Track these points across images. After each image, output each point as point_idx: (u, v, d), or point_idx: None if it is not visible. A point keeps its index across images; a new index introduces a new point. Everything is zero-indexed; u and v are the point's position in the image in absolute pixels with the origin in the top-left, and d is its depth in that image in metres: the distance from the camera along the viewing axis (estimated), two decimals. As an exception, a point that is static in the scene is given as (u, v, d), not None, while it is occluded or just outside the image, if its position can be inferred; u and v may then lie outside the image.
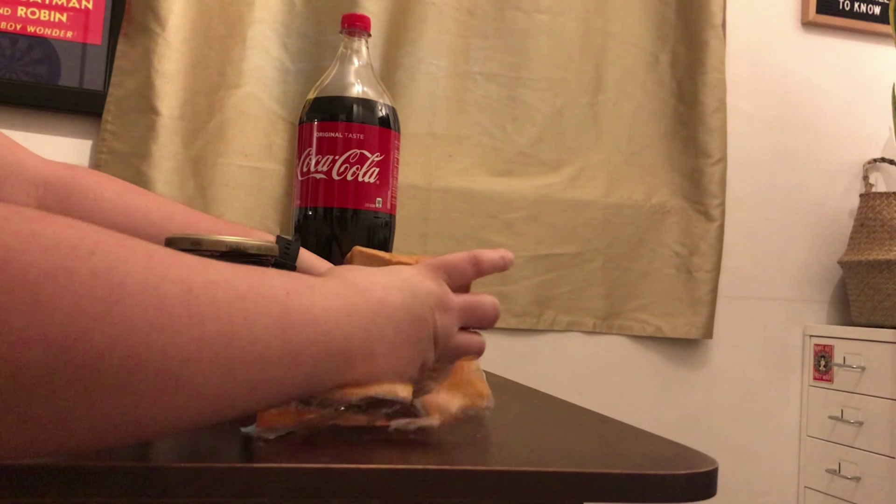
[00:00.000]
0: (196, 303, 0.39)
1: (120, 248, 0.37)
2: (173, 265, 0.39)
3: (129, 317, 0.35)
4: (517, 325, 1.77)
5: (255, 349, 0.41)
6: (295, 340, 0.44)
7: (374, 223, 0.86)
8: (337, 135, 0.84)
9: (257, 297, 0.42)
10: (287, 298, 0.44)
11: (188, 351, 0.38)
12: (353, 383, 0.49)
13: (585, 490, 0.49)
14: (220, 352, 0.39)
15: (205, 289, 0.39)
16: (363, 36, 0.89)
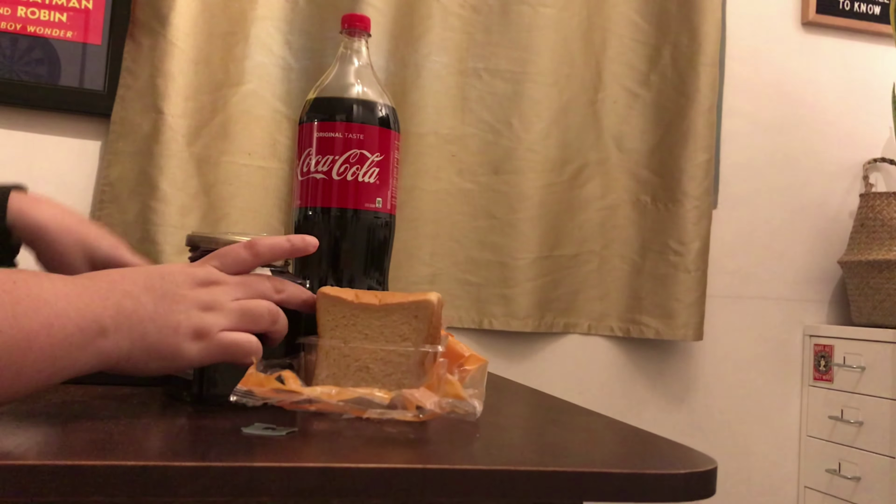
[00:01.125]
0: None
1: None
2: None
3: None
4: (520, 327, 1.77)
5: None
6: (28, 325, 0.48)
7: (374, 223, 0.86)
8: (337, 135, 0.84)
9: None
10: (15, 287, 0.49)
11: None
12: (114, 352, 0.54)
13: (585, 490, 0.49)
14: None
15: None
16: (363, 36, 0.89)
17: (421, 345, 0.65)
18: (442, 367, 0.61)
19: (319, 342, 0.66)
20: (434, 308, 0.65)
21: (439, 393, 0.59)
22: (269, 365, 0.61)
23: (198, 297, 0.58)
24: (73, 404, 0.62)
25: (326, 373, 0.65)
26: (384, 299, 0.66)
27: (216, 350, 0.58)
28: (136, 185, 1.59)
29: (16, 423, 0.54)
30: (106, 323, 0.53)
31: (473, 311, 1.75)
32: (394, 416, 0.57)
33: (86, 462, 0.44)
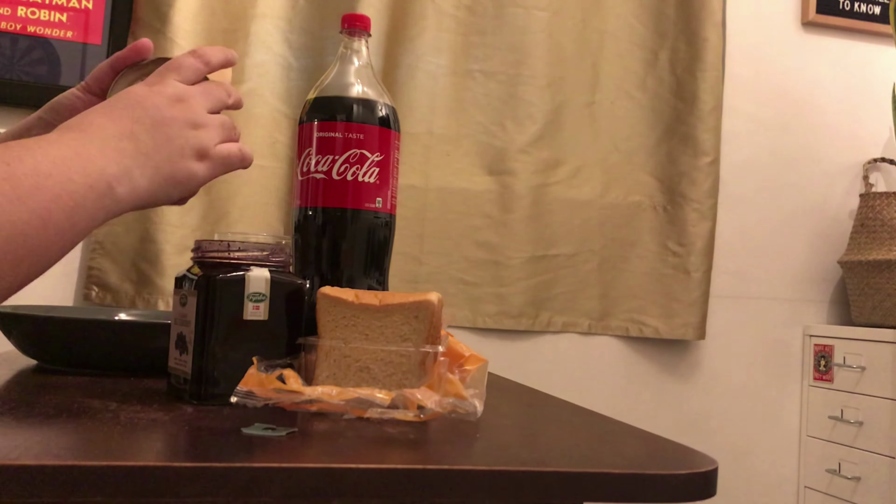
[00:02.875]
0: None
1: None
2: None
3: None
4: (514, 325, 1.77)
5: (2, 232, 0.45)
6: (37, 205, 0.47)
7: (374, 223, 0.86)
8: (337, 135, 0.84)
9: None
10: (10, 169, 0.47)
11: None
12: (132, 194, 0.54)
13: (585, 490, 0.49)
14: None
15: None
16: (363, 36, 0.89)
17: (421, 345, 0.65)
18: (443, 367, 0.61)
19: (320, 342, 0.66)
20: (434, 308, 0.65)
21: (440, 392, 0.59)
22: (270, 365, 0.61)
23: (182, 115, 0.59)
24: (72, 404, 0.62)
25: (327, 373, 0.65)
26: (384, 300, 0.66)
27: (219, 164, 0.60)
28: None
29: (16, 423, 0.54)
30: (114, 171, 0.53)
31: (467, 310, 1.76)
32: (395, 416, 0.57)
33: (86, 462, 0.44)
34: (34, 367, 0.86)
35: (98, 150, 0.53)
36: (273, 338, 0.67)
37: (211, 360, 0.66)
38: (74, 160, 0.51)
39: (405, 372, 0.64)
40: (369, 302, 0.66)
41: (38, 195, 0.48)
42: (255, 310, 0.67)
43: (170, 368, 0.70)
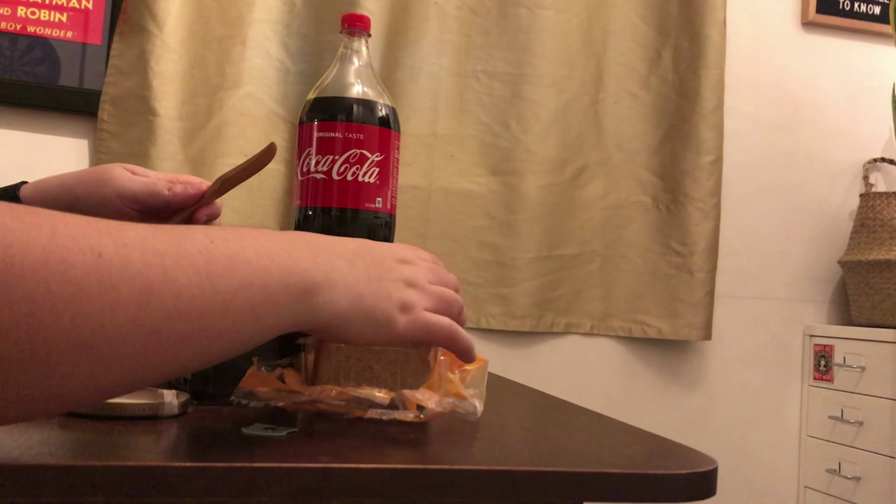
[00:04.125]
0: (107, 267, 0.38)
1: (18, 222, 0.36)
2: (82, 234, 0.39)
3: (31, 292, 0.35)
4: (517, 327, 1.77)
5: (179, 303, 0.41)
6: (224, 286, 0.44)
7: (374, 223, 0.86)
8: (337, 135, 0.84)
9: (177, 252, 0.42)
10: (212, 247, 0.44)
11: (101, 317, 0.38)
12: (327, 309, 0.50)
13: (585, 490, 0.49)
14: (138, 313, 0.39)
15: (117, 252, 0.39)
16: (363, 36, 0.89)
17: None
18: (443, 366, 0.61)
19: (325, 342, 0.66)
20: None
21: (440, 392, 0.59)
22: (270, 365, 0.61)
23: (402, 272, 0.56)
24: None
25: (328, 373, 0.65)
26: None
27: (421, 327, 0.56)
28: None
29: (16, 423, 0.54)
30: (318, 279, 0.50)
31: (471, 311, 1.76)
32: (395, 417, 0.57)
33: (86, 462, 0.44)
34: (34, 367, 0.86)
35: (311, 256, 0.50)
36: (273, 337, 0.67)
37: (211, 360, 0.65)
38: (280, 256, 0.48)
39: (407, 371, 0.64)
40: None
41: (229, 277, 0.44)
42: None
43: (170, 368, 0.70)
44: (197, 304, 0.42)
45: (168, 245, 0.42)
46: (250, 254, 0.46)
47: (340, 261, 0.52)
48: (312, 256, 0.50)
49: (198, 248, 0.44)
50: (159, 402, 0.58)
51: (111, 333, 0.39)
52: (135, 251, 0.40)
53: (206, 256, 0.43)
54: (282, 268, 0.47)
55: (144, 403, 0.58)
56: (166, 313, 0.41)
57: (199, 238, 0.44)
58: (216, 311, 0.43)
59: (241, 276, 0.45)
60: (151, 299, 0.40)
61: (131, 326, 0.39)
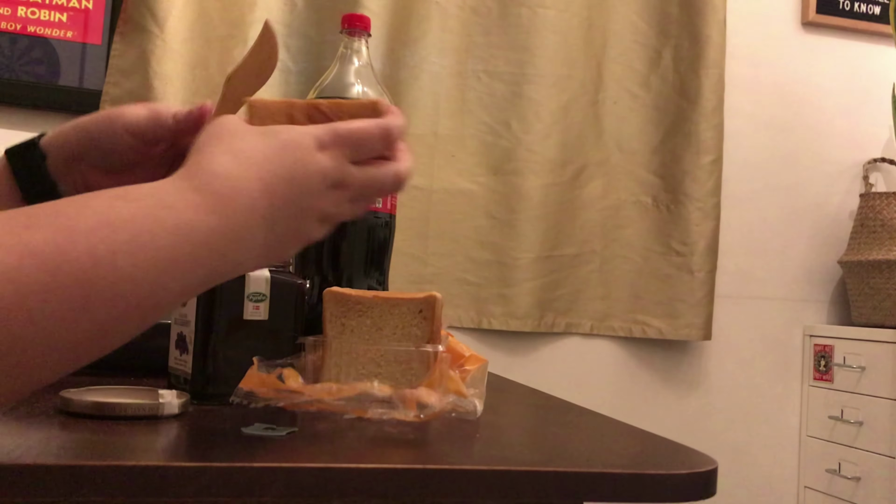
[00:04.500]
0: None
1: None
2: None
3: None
4: (519, 327, 1.77)
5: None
6: (133, 272, 0.43)
7: (374, 223, 0.86)
8: (337, 135, 0.84)
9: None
10: (114, 258, 0.43)
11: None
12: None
13: (585, 490, 0.49)
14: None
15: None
16: (363, 36, 0.89)
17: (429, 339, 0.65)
18: (444, 363, 0.61)
19: (325, 341, 0.66)
20: (441, 304, 0.66)
21: (440, 390, 0.59)
22: (270, 365, 0.61)
23: (324, 209, 0.53)
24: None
25: (332, 372, 0.65)
26: (389, 298, 0.66)
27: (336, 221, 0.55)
28: None
29: (16, 423, 0.54)
30: (229, 252, 0.48)
31: (472, 311, 1.76)
32: (395, 416, 0.57)
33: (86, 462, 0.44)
34: (34, 367, 0.86)
35: (223, 223, 0.47)
36: (273, 337, 0.67)
37: (211, 360, 0.66)
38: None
39: (409, 370, 0.65)
40: (375, 300, 0.66)
41: (138, 265, 0.43)
42: (256, 309, 0.67)
43: (170, 368, 0.71)
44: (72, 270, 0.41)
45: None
46: (162, 241, 0.44)
47: (260, 232, 0.49)
48: (227, 245, 0.48)
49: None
50: (159, 402, 0.58)
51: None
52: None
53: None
54: (193, 245, 0.46)
55: (144, 403, 0.58)
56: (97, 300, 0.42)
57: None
58: (86, 265, 0.42)
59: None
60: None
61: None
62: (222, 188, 0.48)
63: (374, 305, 0.66)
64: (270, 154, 0.51)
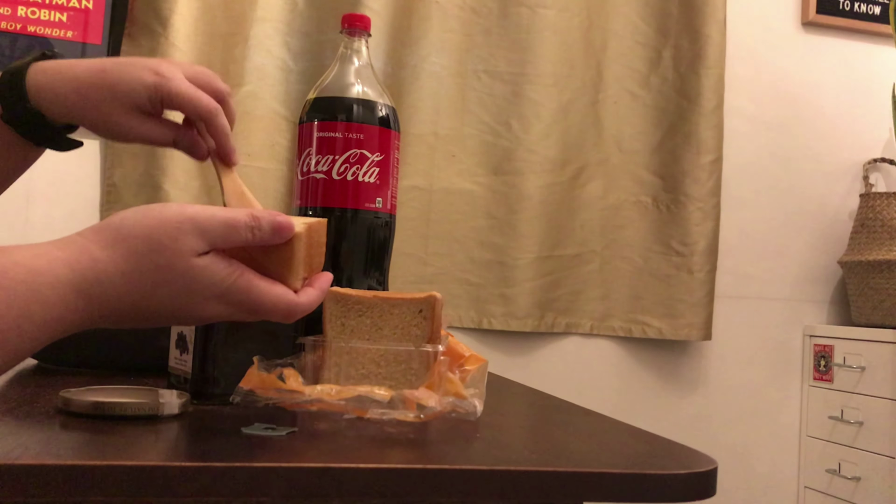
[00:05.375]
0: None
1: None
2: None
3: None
4: (519, 327, 1.77)
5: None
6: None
7: (374, 223, 0.86)
8: (337, 135, 0.84)
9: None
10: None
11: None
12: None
13: (585, 490, 0.49)
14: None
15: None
16: (363, 36, 0.89)
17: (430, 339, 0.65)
18: (443, 366, 0.61)
19: (325, 342, 0.66)
20: (441, 303, 0.66)
21: (440, 391, 0.59)
22: (271, 364, 0.61)
23: (203, 316, 0.54)
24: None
25: (332, 372, 0.65)
26: (389, 298, 0.66)
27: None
28: (139, 186, 1.60)
29: (16, 423, 0.54)
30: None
31: (473, 311, 1.76)
32: (395, 416, 0.57)
33: (86, 462, 0.44)
34: (34, 367, 0.86)
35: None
36: (273, 337, 0.67)
37: (211, 360, 0.66)
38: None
39: (409, 370, 0.65)
40: (375, 300, 0.66)
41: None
42: None
43: (170, 368, 0.71)
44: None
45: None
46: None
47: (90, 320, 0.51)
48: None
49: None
50: (159, 402, 0.58)
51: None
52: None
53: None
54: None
55: (144, 403, 0.58)
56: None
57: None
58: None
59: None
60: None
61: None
62: (97, 293, 0.50)
63: (374, 305, 0.66)
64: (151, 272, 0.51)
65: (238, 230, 0.52)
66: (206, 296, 0.52)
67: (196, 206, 0.53)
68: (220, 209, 0.53)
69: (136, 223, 0.51)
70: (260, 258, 0.54)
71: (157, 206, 0.53)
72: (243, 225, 0.52)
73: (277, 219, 0.53)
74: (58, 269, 0.48)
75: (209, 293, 0.52)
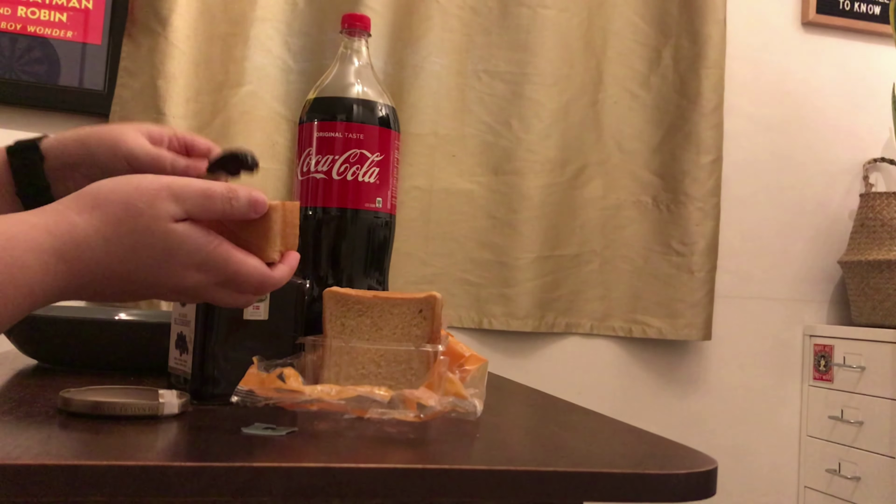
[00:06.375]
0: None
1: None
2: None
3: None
4: (520, 327, 1.77)
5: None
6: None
7: (374, 223, 0.86)
8: (337, 135, 0.84)
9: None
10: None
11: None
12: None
13: (585, 490, 0.49)
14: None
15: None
16: (363, 36, 0.89)
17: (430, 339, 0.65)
18: (443, 366, 0.61)
19: (325, 342, 0.66)
20: (441, 303, 0.66)
21: (440, 391, 0.59)
22: (270, 364, 0.61)
23: (180, 285, 0.55)
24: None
25: (332, 372, 0.65)
26: (389, 298, 0.66)
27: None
28: None
29: (16, 423, 0.54)
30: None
31: (473, 311, 1.75)
32: (395, 416, 0.57)
33: (86, 462, 0.44)
34: (34, 367, 0.86)
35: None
36: (273, 337, 0.67)
37: (211, 360, 0.66)
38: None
39: (408, 370, 0.65)
40: (375, 300, 0.66)
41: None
42: (256, 309, 0.67)
43: (170, 368, 0.71)
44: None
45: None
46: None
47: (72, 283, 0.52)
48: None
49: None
50: (159, 402, 0.58)
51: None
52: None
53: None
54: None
55: (144, 403, 0.58)
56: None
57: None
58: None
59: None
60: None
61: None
62: (77, 256, 0.51)
63: (374, 305, 0.66)
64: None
65: (214, 200, 0.53)
66: (185, 263, 0.53)
67: (173, 177, 0.54)
68: (196, 180, 0.54)
69: (112, 189, 0.52)
70: (237, 231, 0.56)
71: (134, 175, 0.54)
72: (220, 196, 0.54)
73: (253, 193, 0.55)
74: (36, 234, 0.49)
75: (188, 261, 0.53)
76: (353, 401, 0.58)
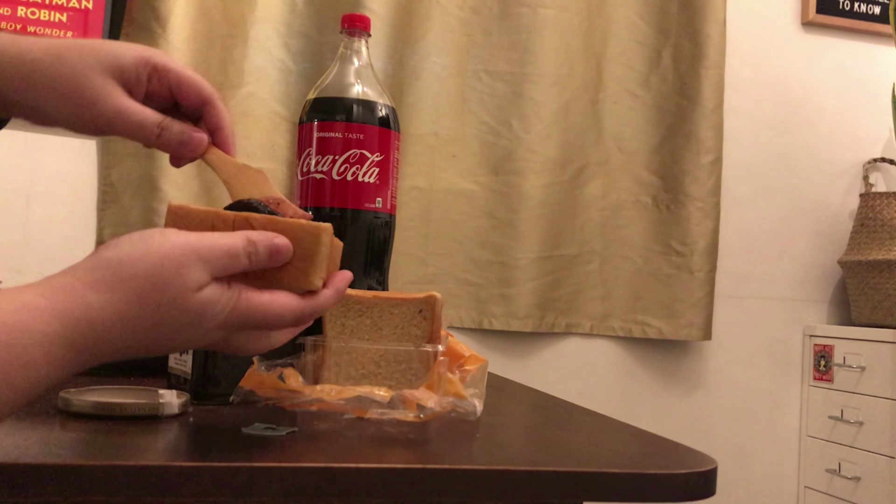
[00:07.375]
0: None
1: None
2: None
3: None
4: (520, 327, 1.77)
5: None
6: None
7: (374, 223, 0.86)
8: (337, 135, 0.84)
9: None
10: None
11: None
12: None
13: (585, 490, 0.49)
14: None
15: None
16: (363, 36, 0.89)
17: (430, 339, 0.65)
18: (443, 366, 0.61)
19: (325, 342, 0.66)
20: (441, 304, 0.66)
21: (440, 391, 0.59)
22: (270, 364, 0.61)
23: (200, 343, 0.52)
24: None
25: (332, 372, 0.65)
26: (389, 298, 0.66)
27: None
28: (137, 186, 1.60)
29: (16, 423, 0.54)
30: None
31: (473, 311, 1.75)
32: (395, 416, 0.57)
33: (86, 462, 0.44)
34: (34, 367, 0.86)
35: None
36: (273, 338, 0.67)
37: (211, 360, 0.66)
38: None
39: (408, 370, 0.65)
40: (375, 300, 0.66)
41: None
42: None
43: (170, 368, 0.71)
44: None
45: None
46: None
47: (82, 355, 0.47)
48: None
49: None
50: (159, 402, 0.58)
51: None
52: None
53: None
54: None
55: (144, 403, 0.58)
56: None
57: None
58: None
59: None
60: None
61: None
62: (90, 342, 0.46)
63: (374, 305, 0.66)
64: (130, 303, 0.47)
65: (238, 258, 0.50)
66: (208, 328, 0.49)
67: (194, 234, 0.50)
68: (218, 235, 0.50)
69: (137, 260, 0.47)
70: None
71: (156, 237, 0.49)
72: (242, 252, 0.50)
73: (275, 241, 0.51)
74: (43, 324, 0.43)
75: (210, 325, 0.49)
76: (353, 401, 0.58)
